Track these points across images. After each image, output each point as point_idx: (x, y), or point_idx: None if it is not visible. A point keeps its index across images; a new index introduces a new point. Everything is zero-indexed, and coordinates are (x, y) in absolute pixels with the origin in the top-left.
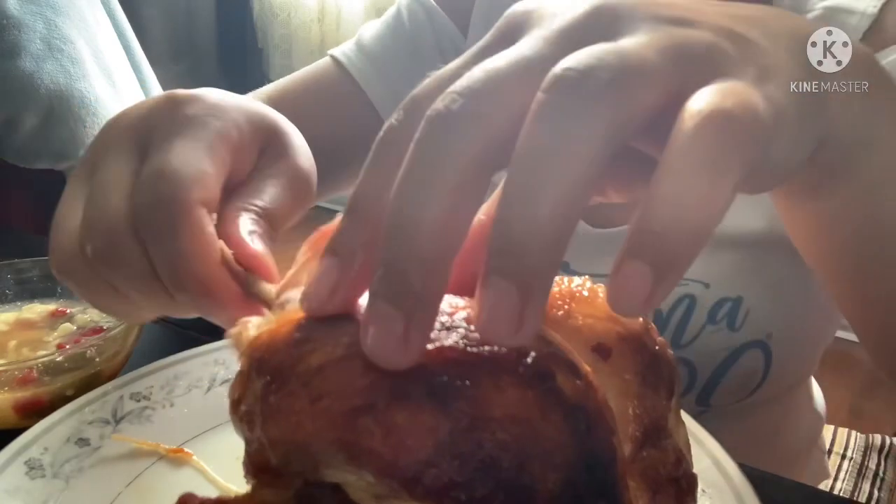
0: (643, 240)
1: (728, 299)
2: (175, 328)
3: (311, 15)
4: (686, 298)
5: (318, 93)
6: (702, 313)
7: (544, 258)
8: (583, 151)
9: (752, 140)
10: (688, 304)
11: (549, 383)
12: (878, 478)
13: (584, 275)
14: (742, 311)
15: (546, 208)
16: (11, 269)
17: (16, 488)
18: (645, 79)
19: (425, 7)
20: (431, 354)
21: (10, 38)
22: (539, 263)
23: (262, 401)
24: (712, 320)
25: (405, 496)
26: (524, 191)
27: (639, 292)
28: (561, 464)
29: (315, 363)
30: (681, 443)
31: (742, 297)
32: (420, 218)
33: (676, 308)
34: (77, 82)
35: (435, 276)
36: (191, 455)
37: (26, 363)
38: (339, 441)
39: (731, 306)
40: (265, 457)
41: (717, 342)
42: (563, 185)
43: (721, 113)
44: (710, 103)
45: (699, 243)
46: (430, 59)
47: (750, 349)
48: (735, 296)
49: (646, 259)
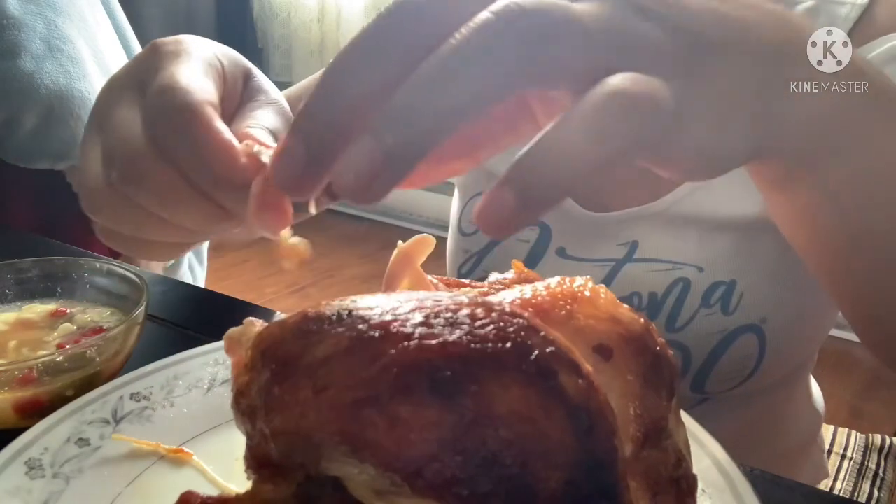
0: (517, 172)
1: (722, 283)
2: (175, 328)
3: (311, 15)
4: (680, 282)
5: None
6: (696, 297)
7: (417, 139)
8: (487, 78)
9: (642, 119)
10: (682, 288)
11: (551, 382)
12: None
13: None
14: (736, 295)
15: (434, 106)
16: (11, 269)
17: (16, 488)
18: (574, 46)
19: None
20: (435, 349)
21: (10, 38)
22: (412, 139)
23: (265, 391)
24: (706, 304)
25: (406, 491)
26: (425, 84)
27: (500, 214)
28: (563, 463)
29: (320, 354)
30: (681, 443)
31: (736, 281)
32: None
33: (671, 292)
34: (77, 82)
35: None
36: (191, 455)
37: (26, 363)
38: (342, 432)
39: (725, 290)
40: (266, 450)
41: (712, 326)
42: (456, 98)
43: (622, 92)
44: (618, 83)
45: (562, 191)
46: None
47: (744, 333)
48: (729, 279)
49: (513, 187)
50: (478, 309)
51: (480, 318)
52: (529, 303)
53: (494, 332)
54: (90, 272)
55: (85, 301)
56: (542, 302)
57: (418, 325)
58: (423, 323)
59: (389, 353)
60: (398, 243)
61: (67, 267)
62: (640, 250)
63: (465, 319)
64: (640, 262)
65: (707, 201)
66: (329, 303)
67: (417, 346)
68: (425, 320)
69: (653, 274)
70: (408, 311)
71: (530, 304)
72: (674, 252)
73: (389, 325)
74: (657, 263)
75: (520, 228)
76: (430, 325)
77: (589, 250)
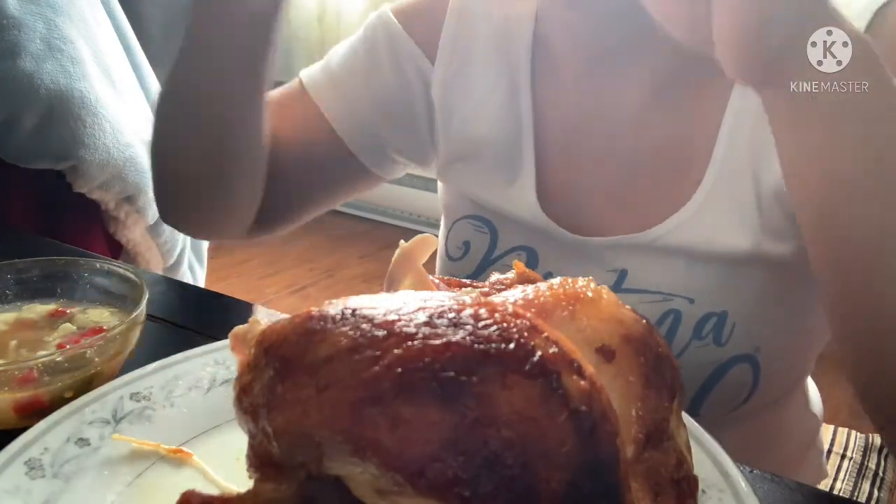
0: None
1: (713, 314)
2: (175, 328)
3: (311, 15)
4: (671, 313)
5: (283, 114)
6: (687, 328)
7: None
8: None
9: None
10: (673, 319)
11: (554, 383)
12: (878, 478)
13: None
14: (728, 326)
15: None
16: (11, 269)
17: (16, 488)
18: None
19: (387, 29)
20: (439, 349)
21: (10, 38)
22: None
23: (268, 390)
24: (698, 335)
25: (408, 491)
26: None
27: None
28: (564, 464)
29: (324, 353)
30: (682, 444)
31: (727, 312)
32: None
33: (662, 323)
34: (77, 82)
35: None
36: (191, 455)
37: (26, 363)
38: (345, 431)
39: (717, 321)
40: (268, 449)
41: (704, 357)
42: None
43: None
44: None
45: None
46: (389, 82)
47: (738, 363)
48: (720, 310)
49: None
50: (481, 309)
51: (484, 318)
52: (532, 303)
53: (497, 332)
54: (90, 272)
55: (85, 301)
56: (544, 303)
57: (422, 325)
58: (426, 323)
59: (393, 353)
60: (400, 243)
61: (67, 267)
62: (630, 280)
63: (469, 320)
64: (630, 292)
65: (696, 235)
66: (333, 302)
67: (421, 346)
68: (429, 320)
69: (643, 305)
70: (411, 311)
71: (533, 305)
72: (664, 283)
73: (393, 325)
74: (647, 294)
75: None
76: (434, 326)
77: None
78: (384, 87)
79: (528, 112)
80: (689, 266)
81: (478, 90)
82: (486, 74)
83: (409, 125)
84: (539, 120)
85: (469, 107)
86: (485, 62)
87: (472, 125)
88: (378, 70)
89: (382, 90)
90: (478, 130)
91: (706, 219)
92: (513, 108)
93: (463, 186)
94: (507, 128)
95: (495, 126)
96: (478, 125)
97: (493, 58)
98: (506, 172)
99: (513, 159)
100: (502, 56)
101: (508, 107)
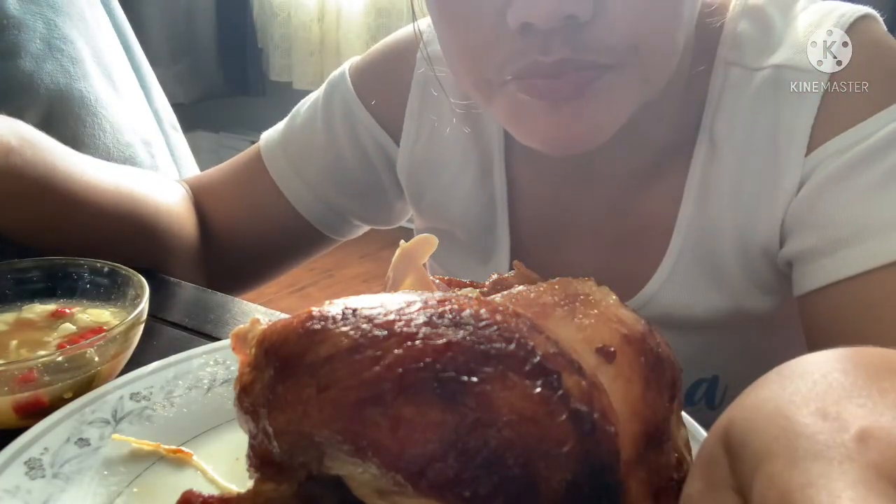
0: None
1: (704, 380)
2: (175, 328)
3: (311, 15)
4: None
5: (241, 194)
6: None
7: None
8: None
9: None
10: None
11: (554, 383)
12: None
13: None
14: (720, 389)
15: None
16: (11, 269)
17: (16, 488)
18: None
19: (343, 98)
20: (439, 350)
21: (10, 38)
22: None
23: (269, 390)
24: (690, 402)
25: (409, 491)
26: None
27: None
28: (565, 464)
29: (324, 353)
30: (682, 444)
31: (718, 376)
32: None
33: None
34: (77, 82)
35: None
36: (191, 455)
37: (26, 363)
38: (345, 431)
39: (709, 386)
40: (269, 449)
41: (698, 422)
42: None
43: None
44: None
45: None
46: (349, 160)
47: None
48: (710, 376)
49: None
50: (481, 309)
51: (484, 318)
52: (532, 303)
53: (498, 332)
54: (90, 272)
55: (85, 301)
56: (544, 303)
57: (422, 325)
58: (427, 323)
59: (393, 353)
60: (400, 242)
61: (67, 267)
62: None
63: (469, 320)
64: None
65: (673, 301)
66: (333, 302)
67: (421, 346)
68: (429, 320)
69: None
70: (412, 311)
71: (533, 305)
72: None
73: (394, 325)
74: None
75: None
76: (435, 326)
77: None
78: (345, 165)
79: (502, 190)
80: (675, 334)
81: (447, 172)
82: (454, 152)
83: (375, 203)
84: (514, 198)
85: (439, 188)
86: (454, 139)
87: (444, 207)
88: (336, 147)
89: (343, 168)
90: (449, 213)
91: (678, 284)
92: (486, 186)
93: (440, 258)
94: (480, 209)
95: (468, 208)
96: (449, 207)
97: (461, 134)
98: (480, 253)
99: (486, 240)
100: (473, 131)
101: (482, 185)
